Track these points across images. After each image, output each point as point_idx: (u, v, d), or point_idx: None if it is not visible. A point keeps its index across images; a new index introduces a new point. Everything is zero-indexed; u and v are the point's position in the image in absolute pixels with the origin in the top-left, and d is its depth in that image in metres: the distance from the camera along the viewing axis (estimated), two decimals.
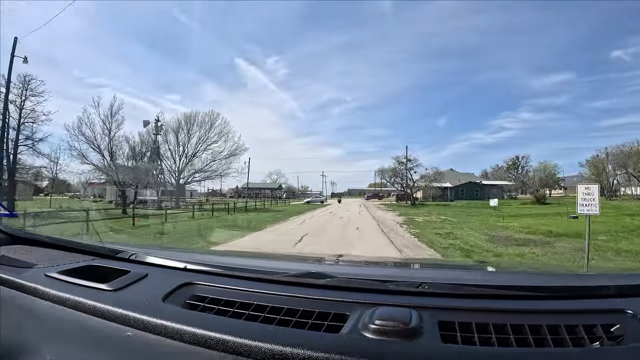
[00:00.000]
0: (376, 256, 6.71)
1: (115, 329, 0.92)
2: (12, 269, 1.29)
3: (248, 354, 0.77)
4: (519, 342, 0.81)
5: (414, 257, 7.91)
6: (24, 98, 23.90)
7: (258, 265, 1.48)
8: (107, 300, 1.03)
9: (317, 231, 14.15)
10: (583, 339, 0.82)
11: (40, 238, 1.77)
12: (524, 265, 4.02)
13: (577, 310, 0.94)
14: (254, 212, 27.90)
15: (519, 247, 9.58)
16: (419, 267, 2.19)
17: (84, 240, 1.82)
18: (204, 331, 0.83)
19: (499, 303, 1.00)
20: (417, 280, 1.11)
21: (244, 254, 2.66)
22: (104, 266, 1.37)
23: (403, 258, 7.20)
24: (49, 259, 1.45)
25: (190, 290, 1.14)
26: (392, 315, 0.86)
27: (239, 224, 17.34)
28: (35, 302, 1.09)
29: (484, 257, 8.15)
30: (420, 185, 50.63)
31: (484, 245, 10.20)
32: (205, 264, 1.38)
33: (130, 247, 1.65)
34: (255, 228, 15.19)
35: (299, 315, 0.94)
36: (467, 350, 0.78)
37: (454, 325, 0.86)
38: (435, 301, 0.99)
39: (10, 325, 0.96)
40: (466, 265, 2.68)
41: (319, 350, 0.75)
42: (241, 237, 12.14)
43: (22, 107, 23.49)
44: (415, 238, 11.96)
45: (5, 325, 0.95)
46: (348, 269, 1.76)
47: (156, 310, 0.95)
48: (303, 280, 1.16)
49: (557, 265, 5.41)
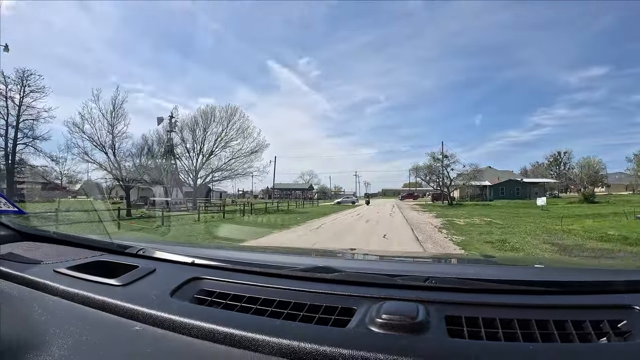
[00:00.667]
0: (383, 250, 7.14)
1: (124, 323, 0.93)
2: (20, 265, 1.30)
3: (255, 348, 0.78)
4: (525, 337, 0.80)
5: (421, 252, 7.92)
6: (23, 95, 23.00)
7: (266, 260, 1.48)
8: (115, 295, 1.04)
9: (331, 242, 11.42)
10: (590, 335, 0.81)
11: (49, 234, 1.77)
12: (531, 259, 4.01)
13: (584, 306, 0.93)
14: (272, 214, 25.74)
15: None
16: (426, 262, 2.13)
17: (92, 236, 1.79)
18: (212, 325, 0.84)
19: (506, 298, 0.99)
20: (424, 275, 1.10)
21: (252, 249, 2.74)
22: (112, 261, 1.38)
23: (410, 252, 7.15)
24: (58, 255, 1.46)
25: (198, 284, 1.15)
26: (399, 310, 0.86)
27: (233, 232, 14.74)
28: (44, 298, 1.09)
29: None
30: (457, 184, 46.81)
31: (555, 259, 7.66)
32: (213, 258, 1.39)
33: (139, 242, 1.63)
34: (251, 236, 12.57)
35: (306, 309, 0.95)
36: (473, 344, 0.77)
37: (460, 320, 0.86)
38: (442, 295, 0.99)
39: (19, 321, 0.96)
40: (473, 260, 2.53)
41: (326, 344, 0.75)
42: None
43: (21, 104, 22.56)
44: (461, 249, 9.51)
45: (14, 320, 0.95)
46: (355, 263, 1.77)
47: (164, 305, 0.97)
48: (310, 274, 1.17)
49: (565, 260, 5.35)
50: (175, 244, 2.58)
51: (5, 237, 1.61)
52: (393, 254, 3.40)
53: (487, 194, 54.02)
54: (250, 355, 0.77)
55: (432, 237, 11.96)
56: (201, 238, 11.78)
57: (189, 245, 2.70)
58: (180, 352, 0.81)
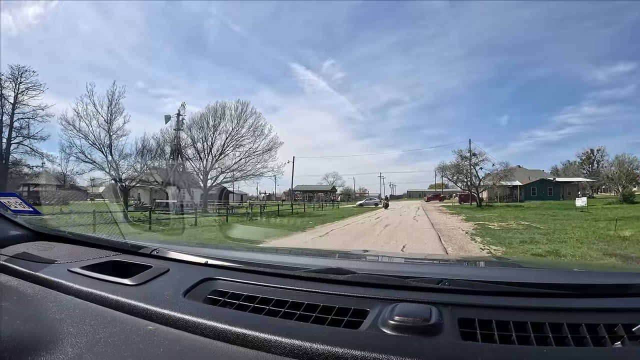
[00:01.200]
0: (396, 252, 7.78)
1: (137, 323, 0.93)
2: (35, 265, 1.31)
3: (268, 348, 0.78)
4: (539, 340, 0.80)
5: (433, 253, 7.80)
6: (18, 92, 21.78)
7: (279, 261, 1.46)
8: (129, 294, 1.05)
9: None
10: (604, 339, 0.80)
11: (63, 234, 1.79)
12: (545, 262, 3.87)
13: (599, 309, 0.92)
14: (285, 217, 23.81)
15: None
16: (439, 264, 2.10)
17: (106, 237, 1.79)
18: (225, 325, 0.85)
19: (519, 300, 0.98)
20: (437, 277, 1.09)
21: (265, 250, 2.72)
22: (126, 261, 1.40)
23: (423, 254, 6.85)
24: (72, 255, 1.48)
25: (211, 285, 1.16)
26: (412, 312, 0.86)
27: (235, 235, 12.92)
28: (58, 297, 1.10)
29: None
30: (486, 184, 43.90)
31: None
32: (226, 259, 1.39)
33: (152, 242, 1.65)
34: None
35: (319, 310, 0.95)
36: (487, 347, 0.77)
37: (474, 323, 0.86)
38: (455, 298, 0.98)
39: (33, 319, 0.94)
40: (486, 262, 2.52)
41: (338, 346, 0.75)
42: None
43: (16, 103, 21.46)
44: None
45: (28, 319, 0.94)
46: (368, 265, 1.69)
47: (177, 305, 0.97)
48: (323, 276, 1.16)
49: (578, 263, 5.17)
50: (189, 244, 2.61)
51: (20, 236, 1.65)
52: (406, 256, 3.42)
53: (518, 194, 50.96)
54: (263, 355, 0.77)
55: (464, 247, 9.82)
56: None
57: (203, 246, 2.59)
58: (193, 352, 0.80)
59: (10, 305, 1.01)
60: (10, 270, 1.28)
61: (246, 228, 15.61)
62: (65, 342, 0.83)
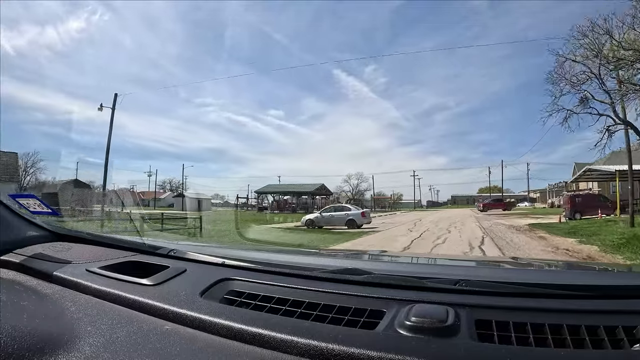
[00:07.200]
0: (412, 253, 8.09)
1: (154, 322, 0.93)
2: (54, 265, 1.31)
3: (284, 348, 0.78)
4: (556, 342, 0.79)
5: (449, 254, 8.01)
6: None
7: (295, 261, 1.46)
8: (147, 294, 1.06)
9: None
10: (622, 341, 0.78)
11: (82, 235, 1.78)
12: (562, 263, 3.62)
13: (617, 311, 0.91)
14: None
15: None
16: (456, 265, 2.02)
17: (124, 237, 1.81)
18: (241, 325, 0.85)
19: (536, 302, 0.96)
20: (454, 278, 1.09)
21: (282, 250, 2.63)
22: (144, 262, 1.40)
23: (439, 255, 7.21)
24: (90, 255, 1.47)
25: (228, 285, 1.16)
26: (429, 313, 0.85)
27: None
28: (76, 297, 1.10)
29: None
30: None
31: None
32: (243, 259, 1.40)
33: (170, 243, 1.66)
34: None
35: (335, 311, 0.95)
36: (504, 350, 0.75)
37: (491, 324, 0.85)
38: (472, 299, 0.97)
39: (51, 319, 0.95)
40: (503, 263, 2.45)
41: (354, 346, 0.75)
42: None
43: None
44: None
45: (47, 318, 0.94)
46: (385, 265, 1.72)
47: (194, 305, 0.98)
48: (340, 276, 1.15)
49: (596, 263, 5.15)
50: (205, 244, 2.85)
51: (39, 237, 1.62)
52: (422, 257, 3.47)
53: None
54: (279, 355, 0.77)
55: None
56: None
57: (220, 246, 2.76)
58: (210, 351, 0.80)
59: (29, 304, 1.00)
60: (29, 270, 1.29)
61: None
62: (83, 341, 0.83)
